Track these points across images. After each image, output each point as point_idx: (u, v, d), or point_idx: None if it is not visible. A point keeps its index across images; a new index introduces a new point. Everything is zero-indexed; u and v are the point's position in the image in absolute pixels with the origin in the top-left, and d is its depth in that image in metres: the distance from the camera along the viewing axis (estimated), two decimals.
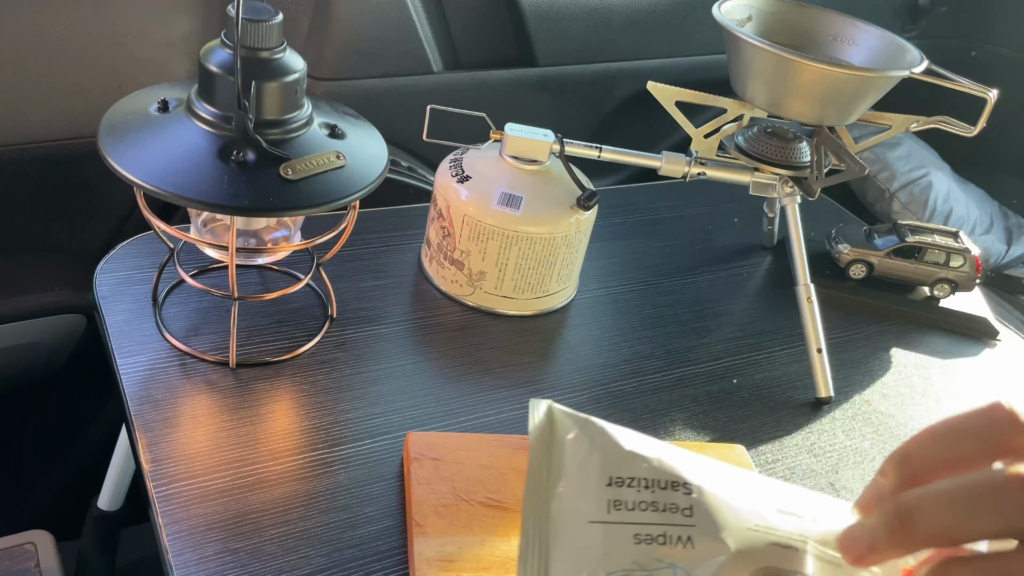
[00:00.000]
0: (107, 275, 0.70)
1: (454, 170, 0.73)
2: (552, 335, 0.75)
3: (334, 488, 0.57)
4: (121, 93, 0.61)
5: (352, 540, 0.54)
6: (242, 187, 0.54)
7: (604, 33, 1.16)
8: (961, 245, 0.86)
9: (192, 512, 0.53)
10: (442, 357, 0.70)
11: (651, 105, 0.76)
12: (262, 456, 0.58)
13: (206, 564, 0.51)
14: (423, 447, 0.59)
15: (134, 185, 0.54)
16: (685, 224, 0.95)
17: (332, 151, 0.59)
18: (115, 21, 0.89)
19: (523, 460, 0.60)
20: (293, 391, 0.64)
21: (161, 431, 0.58)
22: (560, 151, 0.73)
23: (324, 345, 0.68)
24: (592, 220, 0.74)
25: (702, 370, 0.75)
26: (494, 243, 0.71)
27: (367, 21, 0.99)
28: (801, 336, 0.74)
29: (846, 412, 0.73)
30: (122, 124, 0.58)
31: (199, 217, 0.67)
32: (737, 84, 0.75)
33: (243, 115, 0.56)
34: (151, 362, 0.63)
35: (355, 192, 0.58)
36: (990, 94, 0.72)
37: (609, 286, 0.83)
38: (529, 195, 0.71)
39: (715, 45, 0.99)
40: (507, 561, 0.53)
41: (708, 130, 0.75)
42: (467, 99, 1.01)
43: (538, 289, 0.75)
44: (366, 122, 0.66)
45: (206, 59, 0.57)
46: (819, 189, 0.75)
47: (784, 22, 0.78)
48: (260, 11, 0.56)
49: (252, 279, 0.73)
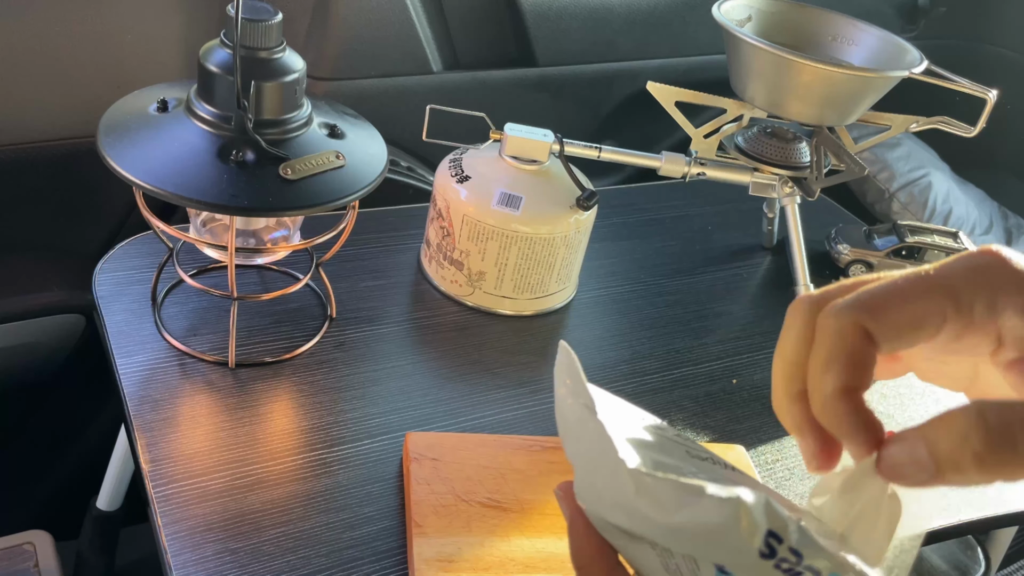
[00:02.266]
0: (106, 275, 0.70)
1: (454, 170, 0.73)
2: (552, 335, 0.75)
3: (333, 488, 0.57)
4: (120, 93, 0.61)
5: (351, 540, 0.54)
6: (241, 187, 0.54)
7: (604, 33, 1.16)
8: (961, 245, 0.86)
9: (191, 512, 0.53)
10: (441, 357, 0.70)
11: (651, 105, 0.76)
12: (261, 456, 0.58)
13: (205, 564, 0.51)
14: (422, 447, 0.59)
15: (133, 185, 0.54)
16: (685, 224, 0.95)
17: (331, 151, 0.59)
18: (115, 21, 0.89)
19: (523, 460, 0.60)
20: (292, 391, 0.64)
21: (160, 431, 0.58)
22: (560, 151, 0.73)
23: (323, 345, 0.68)
24: (592, 220, 0.74)
25: (701, 370, 0.74)
26: (493, 243, 0.71)
27: (367, 21, 0.99)
28: None
29: None
30: (121, 124, 0.58)
31: (198, 217, 0.67)
32: (737, 84, 0.75)
33: (242, 115, 0.56)
34: (150, 362, 0.63)
35: (354, 192, 0.58)
36: (990, 94, 0.71)
37: (609, 286, 0.83)
38: (529, 195, 0.71)
39: (715, 45, 0.99)
40: (507, 561, 0.53)
41: (708, 130, 0.75)
42: (466, 99, 1.01)
43: (537, 289, 0.74)
44: (365, 122, 0.66)
45: (205, 59, 0.57)
46: (819, 189, 0.74)
47: (784, 22, 0.78)
48: (259, 11, 0.56)
49: (251, 279, 0.73)
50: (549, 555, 0.54)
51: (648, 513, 0.28)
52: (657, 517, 0.27)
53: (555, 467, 0.60)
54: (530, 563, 0.53)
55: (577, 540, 0.32)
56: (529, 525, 0.56)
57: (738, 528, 0.26)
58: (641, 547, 0.30)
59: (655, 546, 0.29)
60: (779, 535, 0.25)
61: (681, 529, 0.27)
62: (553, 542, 0.55)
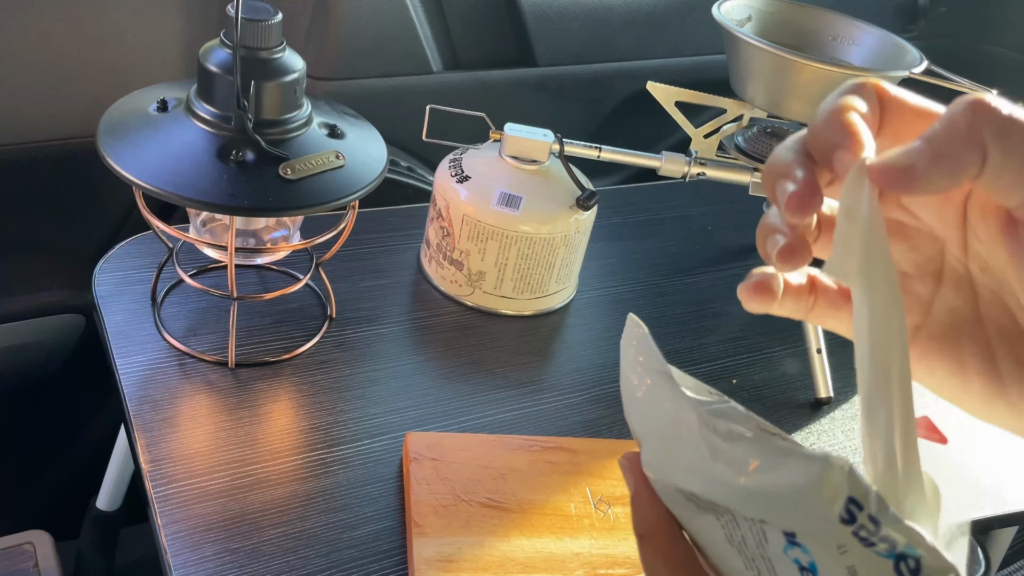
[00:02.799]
0: (106, 275, 0.70)
1: (453, 170, 0.73)
2: (552, 335, 0.75)
3: (333, 488, 0.57)
4: (120, 93, 0.61)
5: (351, 540, 0.54)
6: (241, 187, 0.54)
7: (604, 33, 1.16)
8: None
9: (191, 512, 0.53)
10: (441, 357, 0.70)
11: (651, 105, 0.76)
12: (261, 456, 0.58)
13: (205, 564, 0.51)
14: (422, 447, 0.59)
15: (133, 185, 0.54)
16: (685, 224, 0.95)
17: (331, 151, 0.59)
18: (115, 21, 0.89)
19: (523, 460, 0.60)
20: (292, 391, 0.64)
21: (160, 431, 0.58)
22: (560, 151, 0.73)
23: (323, 345, 0.68)
24: (592, 220, 0.74)
25: (702, 370, 0.74)
26: (493, 243, 0.71)
27: (367, 21, 0.98)
28: (801, 336, 0.74)
29: (846, 412, 0.73)
30: (121, 124, 0.58)
31: (198, 217, 0.67)
32: (737, 84, 0.75)
33: (242, 115, 0.56)
34: (150, 362, 0.63)
35: (354, 192, 0.58)
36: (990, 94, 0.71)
37: (609, 286, 0.83)
38: (528, 195, 0.71)
39: (715, 45, 0.99)
40: (506, 561, 0.53)
41: (708, 130, 0.75)
42: (466, 99, 1.01)
43: (537, 289, 0.74)
44: (365, 122, 0.66)
45: (205, 59, 0.57)
46: None
47: (784, 22, 0.78)
48: (259, 11, 0.56)
49: (251, 279, 0.73)
50: (549, 555, 0.54)
51: (725, 477, 0.27)
52: (734, 480, 0.27)
53: (555, 467, 0.60)
54: (530, 563, 0.53)
55: (641, 509, 0.32)
56: (529, 525, 0.56)
57: (822, 490, 0.25)
58: (706, 519, 0.29)
59: (721, 516, 0.28)
60: (860, 502, 0.25)
61: (758, 491, 0.26)
62: (553, 542, 0.55)
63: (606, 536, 0.56)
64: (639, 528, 0.32)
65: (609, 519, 0.58)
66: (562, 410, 0.67)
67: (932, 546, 0.25)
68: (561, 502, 0.58)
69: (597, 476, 0.60)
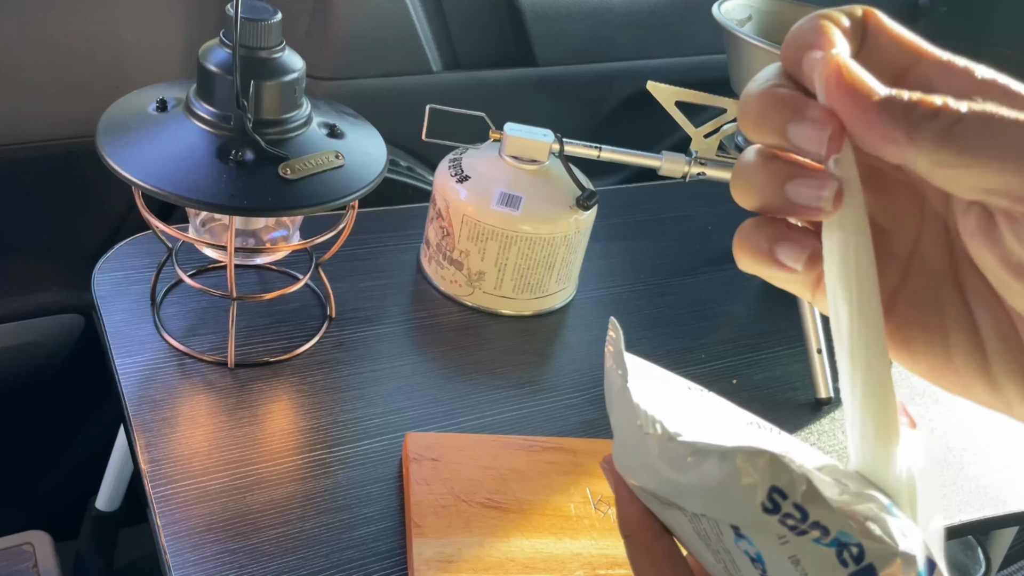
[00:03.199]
0: (105, 275, 0.70)
1: (453, 170, 0.73)
2: (552, 335, 0.75)
3: (333, 489, 0.57)
4: (119, 93, 0.61)
5: (351, 541, 0.54)
6: (241, 187, 0.54)
7: (604, 33, 1.16)
8: None
9: (190, 512, 0.53)
10: (441, 357, 0.70)
11: (651, 105, 0.76)
12: (261, 456, 0.58)
13: (204, 564, 0.51)
14: (422, 448, 0.58)
15: (132, 185, 0.54)
16: (685, 224, 0.95)
17: (331, 151, 0.59)
18: (114, 21, 0.89)
19: (522, 460, 0.60)
20: (292, 391, 0.64)
21: (159, 431, 0.58)
22: (560, 151, 0.72)
23: (323, 345, 0.68)
24: (592, 220, 0.74)
25: (702, 370, 0.74)
26: (493, 243, 0.71)
27: (366, 21, 0.98)
28: (801, 336, 0.74)
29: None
30: (120, 124, 0.58)
31: (198, 217, 0.67)
32: (737, 84, 0.75)
33: (242, 114, 0.56)
34: (149, 362, 0.63)
35: (354, 192, 0.57)
36: None
37: (609, 286, 0.83)
38: (528, 195, 0.71)
39: (715, 45, 0.99)
40: (506, 561, 0.53)
41: (708, 130, 0.75)
42: (466, 99, 1.01)
43: (537, 289, 0.74)
44: (365, 122, 0.65)
45: (205, 58, 0.57)
46: None
47: (784, 22, 0.78)
48: (259, 10, 0.56)
49: (251, 279, 0.73)
50: (549, 555, 0.54)
51: (670, 475, 0.28)
52: (678, 477, 0.28)
53: (555, 467, 0.60)
54: (530, 563, 0.53)
55: (623, 509, 0.33)
56: (529, 525, 0.56)
57: (739, 485, 0.25)
58: (674, 513, 0.30)
59: (685, 511, 0.29)
60: (784, 491, 0.25)
61: (694, 487, 0.27)
62: (553, 542, 0.55)
63: (606, 536, 0.56)
64: (623, 528, 0.33)
65: (609, 519, 0.58)
66: (562, 410, 0.67)
67: (872, 531, 0.25)
68: (561, 502, 0.58)
69: (597, 476, 0.60)
